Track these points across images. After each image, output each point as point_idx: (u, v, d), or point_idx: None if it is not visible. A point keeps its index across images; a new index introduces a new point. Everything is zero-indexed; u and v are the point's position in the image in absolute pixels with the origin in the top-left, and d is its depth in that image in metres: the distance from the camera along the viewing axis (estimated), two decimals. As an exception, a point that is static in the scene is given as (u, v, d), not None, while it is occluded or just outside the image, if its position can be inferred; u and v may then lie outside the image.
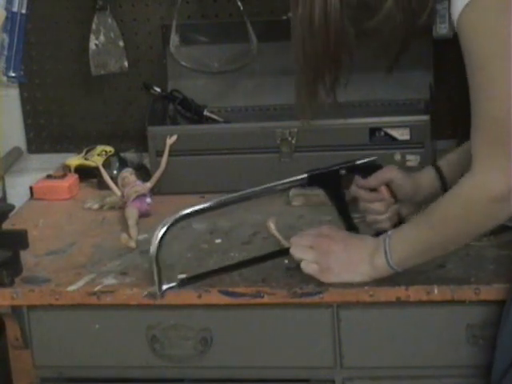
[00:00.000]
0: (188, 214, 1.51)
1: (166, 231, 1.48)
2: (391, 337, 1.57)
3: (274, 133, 1.96)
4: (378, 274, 1.48)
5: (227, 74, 2.17)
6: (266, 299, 1.54)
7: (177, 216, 1.50)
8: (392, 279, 1.50)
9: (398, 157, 1.93)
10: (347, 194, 1.60)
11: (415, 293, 1.51)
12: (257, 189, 1.55)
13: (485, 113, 1.31)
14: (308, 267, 1.51)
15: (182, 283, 1.54)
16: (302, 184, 1.57)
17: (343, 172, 1.57)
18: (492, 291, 1.49)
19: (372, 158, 1.59)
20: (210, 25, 2.18)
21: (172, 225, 1.49)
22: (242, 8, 2.11)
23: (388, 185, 1.58)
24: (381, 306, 1.54)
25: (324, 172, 1.56)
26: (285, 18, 2.13)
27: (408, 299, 1.51)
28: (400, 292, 1.51)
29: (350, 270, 1.49)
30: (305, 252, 1.51)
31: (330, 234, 1.53)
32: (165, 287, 1.52)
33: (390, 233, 1.47)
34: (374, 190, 1.59)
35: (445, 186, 1.59)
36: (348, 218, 1.58)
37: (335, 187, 1.57)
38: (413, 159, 1.92)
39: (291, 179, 1.56)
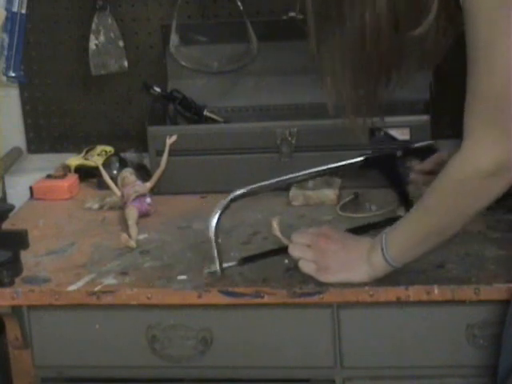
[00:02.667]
0: (241, 194, 1.56)
1: (222, 211, 1.55)
2: (391, 337, 1.57)
3: (274, 133, 1.96)
4: (376, 273, 1.48)
5: (227, 74, 2.17)
6: (265, 299, 1.54)
7: (232, 196, 1.56)
8: (392, 279, 1.50)
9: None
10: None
11: (415, 293, 1.50)
12: (311, 171, 1.58)
13: (482, 87, 1.29)
14: (306, 266, 1.51)
15: (243, 261, 1.58)
16: (356, 167, 1.59)
17: (399, 153, 1.58)
18: (492, 291, 1.49)
19: (429, 142, 1.60)
20: (210, 25, 2.18)
21: (226, 207, 1.55)
22: (241, 8, 2.11)
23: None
24: (381, 306, 1.54)
25: (382, 155, 1.58)
26: (285, 18, 2.13)
27: (408, 299, 1.51)
28: (400, 292, 1.51)
29: (348, 268, 1.49)
30: (303, 251, 1.52)
31: (329, 233, 1.53)
32: (225, 265, 1.56)
33: (387, 230, 1.47)
34: (432, 172, 1.60)
35: None
36: (407, 196, 1.59)
37: (392, 168, 1.60)
38: (413, 159, 1.92)
39: (346, 162, 1.56)
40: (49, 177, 2.08)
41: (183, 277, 1.58)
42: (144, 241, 1.76)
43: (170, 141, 1.97)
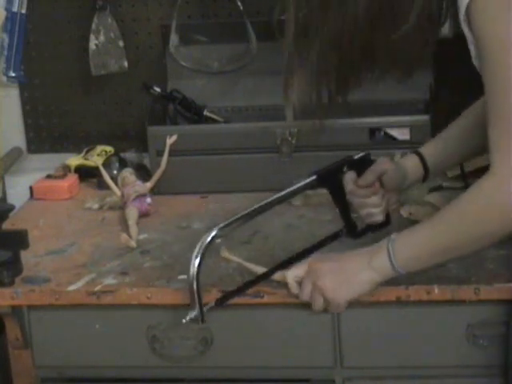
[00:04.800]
0: (221, 228, 1.46)
1: (203, 251, 1.43)
2: (391, 337, 1.57)
3: (274, 133, 1.96)
4: (381, 277, 1.44)
5: (227, 74, 2.17)
6: (265, 299, 1.54)
7: (212, 233, 1.44)
8: (392, 279, 1.50)
9: (398, 157, 1.92)
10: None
11: (415, 292, 1.51)
12: (269, 199, 1.49)
13: (501, 105, 1.27)
14: (316, 306, 1.48)
15: (220, 301, 1.51)
16: (310, 186, 1.54)
17: (345, 169, 1.56)
18: (492, 291, 1.49)
19: (365, 152, 1.59)
20: (210, 25, 2.18)
21: (209, 243, 1.43)
22: (241, 8, 2.11)
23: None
24: (381, 306, 1.54)
25: (331, 170, 1.56)
26: (284, 18, 2.13)
27: (408, 299, 1.51)
28: (400, 292, 1.51)
29: (350, 281, 1.45)
30: (301, 288, 1.49)
31: (320, 259, 1.50)
32: (205, 309, 1.47)
33: (393, 236, 1.42)
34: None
35: (427, 173, 1.60)
36: (349, 216, 1.58)
37: (339, 186, 1.56)
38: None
39: (301, 184, 1.53)
40: (49, 177, 2.08)
41: (183, 277, 1.58)
42: (144, 241, 1.76)
43: (170, 141, 1.97)
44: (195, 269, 1.41)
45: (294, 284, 1.50)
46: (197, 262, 1.41)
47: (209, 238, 1.43)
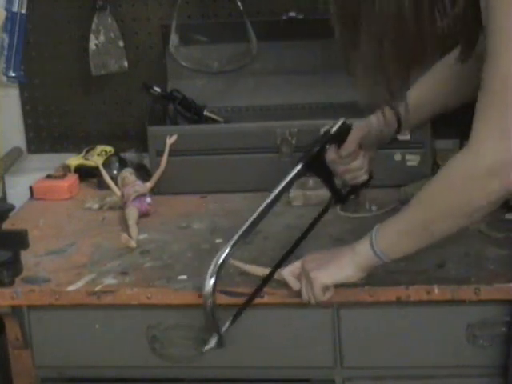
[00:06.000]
0: (223, 261, 1.45)
1: (214, 283, 1.43)
2: (391, 337, 1.57)
3: (274, 133, 1.96)
4: (363, 261, 1.42)
5: (227, 74, 2.17)
6: (265, 299, 1.54)
7: (217, 263, 1.44)
8: (392, 279, 1.50)
9: (398, 157, 1.93)
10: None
11: (415, 293, 1.51)
12: (268, 200, 1.50)
13: (495, 76, 1.24)
14: (304, 294, 1.49)
15: (220, 341, 1.50)
16: (300, 174, 1.55)
17: (328, 146, 1.58)
18: (492, 291, 1.49)
19: (341, 121, 1.60)
20: (210, 25, 2.18)
21: (217, 273, 1.43)
22: (241, 8, 2.11)
23: None
24: (381, 306, 1.54)
25: (315, 153, 1.57)
26: (285, 18, 2.13)
27: (408, 299, 1.51)
28: (400, 292, 1.51)
29: (333, 263, 1.45)
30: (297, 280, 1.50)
31: (312, 253, 1.51)
32: (206, 348, 1.49)
33: (378, 225, 1.42)
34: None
35: (400, 127, 1.61)
36: (335, 185, 1.61)
37: (323, 163, 1.58)
38: (413, 159, 1.92)
39: (291, 175, 1.54)
40: (49, 177, 2.08)
41: (183, 277, 1.58)
42: (144, 241, 1.76)
43: (170, 141, 1.97)
44: (210, 288, 1.42)
45: (290, 278, 1.50)
46: (212, 281, 1.42)
47: (222, 257, 1.43)
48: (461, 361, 1.56)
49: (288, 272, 1.51)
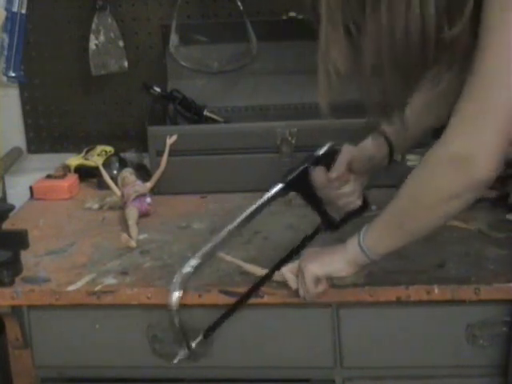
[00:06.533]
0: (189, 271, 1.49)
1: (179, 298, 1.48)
2: (391, 337, 1.57)
3: (274, 133, 1.96)
4: (352, 257, 1.43)
5: (227, 74, 2.17)
6: (265, 299, 1.54)
7: (180, 278, 1.49)
8: (392, 279, 1.50)
9: (398, 157, 1.92)
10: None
11: (415, 293, 1.51)
12: (240, 218, 1.52)
13: (484, 83, 1.25)
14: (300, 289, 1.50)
15: (207, 335, 1.53)
16: (280, 194, 1.54)
17: (311, 168, 1.56)
18: (492, 291, 1.49)
19: (329, 144, 1.59)
20: (210, 25, 2.18)
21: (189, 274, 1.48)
22: (241, 8, 2.11)
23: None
24: (381, 306, 1.54)
25: (298, 174, 1.55)
26: (285, 18, 2.14)
27: (408, 299, 1.51)
28: (400, 292, 1.51)
29: (324, 257, 1.47)
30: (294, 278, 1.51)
31: (309, 249, 1.52)
32: (193, 345, 1.51)
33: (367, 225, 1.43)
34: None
35: (392, 151, 1.59)
36: (325, 210, 1.58)
37: (307, 185, 1.55)
38: (413, 159, 1.92)
39: (270, 194, 1.54)
40: (49, 177, 2.08)
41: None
42: (144, 241, 1.76)
43: (170, 141, 1.97)
44: (176, 303, 1.46)
45: (290, 276, 1.51)
46: (176, 295, 1.45)
47: (188, 269, 1.47)
48: (461, 361, 1.56)
49: (287, 270, 1.51)
